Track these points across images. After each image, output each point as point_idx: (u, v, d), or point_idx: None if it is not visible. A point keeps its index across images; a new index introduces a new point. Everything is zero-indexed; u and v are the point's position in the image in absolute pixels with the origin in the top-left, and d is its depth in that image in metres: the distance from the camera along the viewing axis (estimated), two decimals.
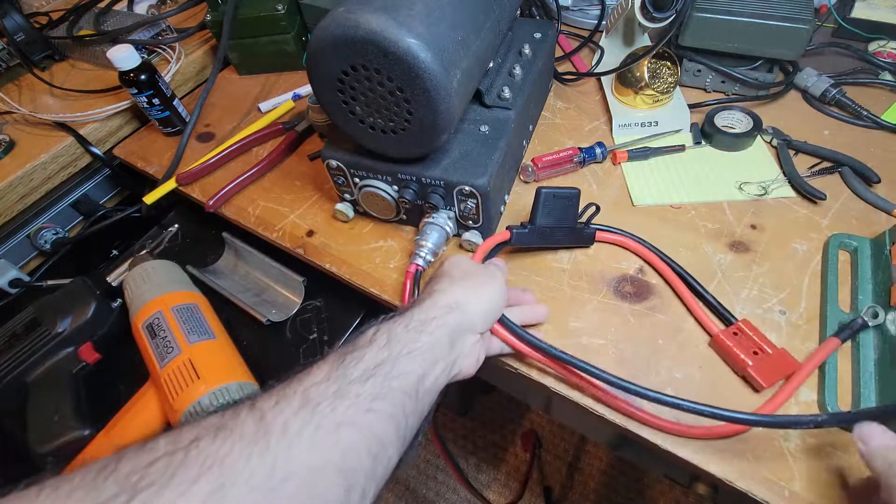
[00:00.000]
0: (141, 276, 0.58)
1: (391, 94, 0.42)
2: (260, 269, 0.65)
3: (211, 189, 0.64)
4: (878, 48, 0.68)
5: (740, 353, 0.42)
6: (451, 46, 0.41)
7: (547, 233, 0.50)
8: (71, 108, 0.73)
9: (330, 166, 0.53)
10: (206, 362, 0.49)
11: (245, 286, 0.64)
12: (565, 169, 0.60)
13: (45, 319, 0.56)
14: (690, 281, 0.49)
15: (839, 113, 0.62)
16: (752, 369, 0.41)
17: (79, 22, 0.84)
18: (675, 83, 0.62)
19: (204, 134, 0.73)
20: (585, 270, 0.52)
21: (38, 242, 0.71)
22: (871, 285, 0.46)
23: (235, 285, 0.63)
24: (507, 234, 0.49)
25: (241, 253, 0.66)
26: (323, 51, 0.41)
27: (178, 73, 0.78)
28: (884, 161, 0.56)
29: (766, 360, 0.42)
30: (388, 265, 0.55)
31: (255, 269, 0.66)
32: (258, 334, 0.59)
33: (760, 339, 0.43)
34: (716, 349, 0.45)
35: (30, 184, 0.67)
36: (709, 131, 0.61)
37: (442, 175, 0.48)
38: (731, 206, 0.55)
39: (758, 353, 0.42)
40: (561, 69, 0.72)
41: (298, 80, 0.80)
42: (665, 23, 0.60)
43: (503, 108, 0.53)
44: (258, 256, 0.64)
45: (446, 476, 1.25)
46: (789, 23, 0.58)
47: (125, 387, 0.56)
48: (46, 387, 0.53)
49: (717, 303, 0.47)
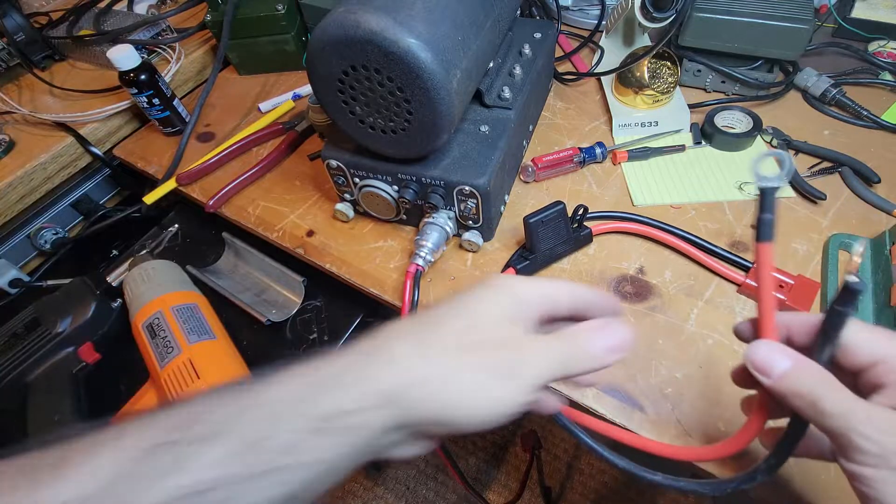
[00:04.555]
0: (141, 276, 0.58)
1: (391, 95, 0.42)
2: (260, 269, 0.65)
3: (211, 189, 0.64)
4: (878, 48, 0.68)
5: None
6: (451, 46, 0.41)
7: (548, 254, 0.51)
8: (71, 108, 0.73)
9: (330, 166, 0.53)
10: (206, 362, 0.49)
11: (245, 286, 0.64)
12: (565, 169, 0.60)
13: (45, 319, 0.56)
14: (698, 241, 0.51)
15: (839, 113, 0.62)
16: (789, 302, 0.44)
17: (79, 22, 0.84)
18: (675, 83, 0.62)
19: (204, 134, 0.73)
20: (585, 270, 0.52)
21: (38, 242, 0.71)
22: (871, 285, 0.46)
23: (235, 285, 0.63)
24: (512, 271, 0.50)
25: (241, 253, 0.66)
26: (323, 51, 0.41)
27: (178, 73, 0.78)
28: (884, 161, 0.56)
29: (794, 290, 0.45)
30: (388, 265, 0.55)
31: (255, 269, 0.66)
32: (258, 334, 0.59)
33: (780, 273, 0.46)
34: (747, 295, 0.47)
35: (30, 184, 0.67)
36: (709, 131, 0.61)
37: (442, 175, 0.48)
38: (732, 206, 0.55)
39: (783, 286, 0.46)
40: (561, 69, 0.72)
41: (298, 80, 0.80)
42: (665, 23, 0.60)
43: (503, 108, 0.53)
44: (258, 256, 0.64)
45: (446, 476, 1.25)
46: (789, 23, 0.58)
47: (125, 387, 0.56)
48: (46, 387, 0.53)
49: (730, 253, 0.50)
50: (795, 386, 0.24)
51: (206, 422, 0.21)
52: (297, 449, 0.21)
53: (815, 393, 0.24)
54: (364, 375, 0.22)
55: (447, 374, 0.23)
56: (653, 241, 0.53)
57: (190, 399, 0.22)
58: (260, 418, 0.21)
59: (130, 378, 0.55)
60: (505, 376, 0.23)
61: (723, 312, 0.47)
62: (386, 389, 0.22)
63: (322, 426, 0.21)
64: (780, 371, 0.25)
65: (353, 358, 0.23)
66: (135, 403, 0.50)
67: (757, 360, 0.26)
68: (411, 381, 0.22)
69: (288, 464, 0.20)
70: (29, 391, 0.53)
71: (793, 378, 0.25)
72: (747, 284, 0.47)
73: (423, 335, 0.24)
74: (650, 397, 0.43)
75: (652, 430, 0.41)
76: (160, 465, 0.19)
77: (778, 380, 0.25)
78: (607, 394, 0.43)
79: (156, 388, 0.50)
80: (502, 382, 0.23)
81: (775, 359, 0.25)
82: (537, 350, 0.25)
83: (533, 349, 0.25)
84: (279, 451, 0.20)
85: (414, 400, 0.22)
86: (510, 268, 0.51)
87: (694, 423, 0.41)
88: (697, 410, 0.42)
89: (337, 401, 0.21)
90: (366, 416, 0.22)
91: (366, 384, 0.22)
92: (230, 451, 0.20)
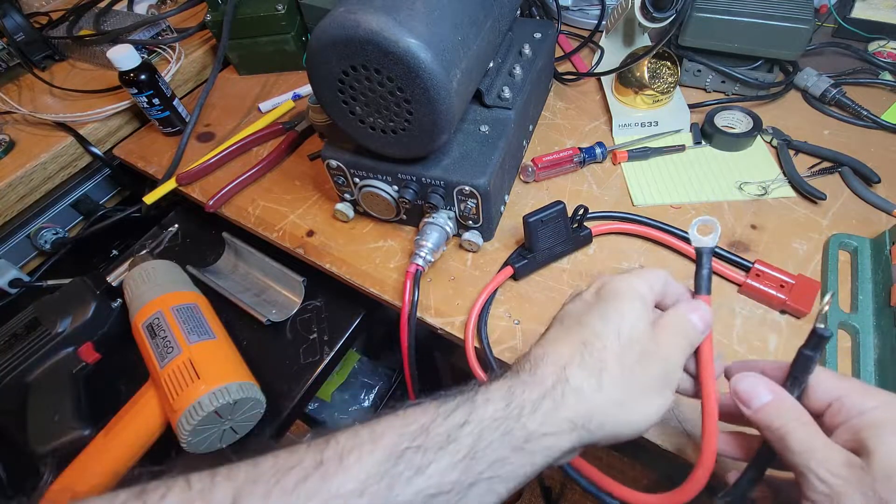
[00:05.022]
0: (141, 276, 0.58)
1: (391, 95, 0.42)
2: (260, 269, 0.65)
3: (211, 189, 0.64)
4: (878, 48, 0.68)
5: (773, 291, 0.46)
6: (451, 46, 0.41)
7: (547, 253, 0.50)
8: (71, 108, 0.73)
9: (330, 166, 0.53)
10: (206, 362, 0.49)
11: (245, 286, 0.64)
12: (565, 169, 0.60)
13: (45, 319, 0.56)
14: None
15: (839, 113, 0.62)
16: (790, 302, 0.45)
17: (79, 22, 0.84)
18: (675, 83, 0.62)
19: (204, 134, 0.73)
20: (585, 270, 0.52)
21: (38, 242, 0.71)
22: (871, 285, 0.46)
23: (235, 285, 0.63)
24: (510, 269, 0.50)
25: (241, 253, 0.66)
26: (323, 51, 0.41)
27: (178, 73, 0.78)
28: (884, 161, 0.56)
29: (795, 290, 0.45)
30: (388, 265, 0.54)
31: (255, 269, 0.66)
32: (258, 334, 0.59)
33: (780, 273, 0.46)
34: (748, 295, 0.48)
35: (30, 184, 0.67)
36: (709, 131, 0.61)
37: (442, 175, 0.48)
38: (732, 206, 0.55)
39: (784, 285, 0.46)
40: (561, 69, 0.72)
41: (298, 80, 0.80)
42: (665, 23, 0.60)
43: (503, 108, 0.53)
44: (258, 256, 0.64)
45: None
46: (789, 23, 0.58)
47: (125, 387, 0.56)
48: (46, 387, 0.53)
49: (730, 253, 0.50)
50: (769, 419, 0.26)
51: (438, 433, 0.24)
52: (503, 462, 0.25)
53: (785, 428, 0.26)
54: (556, 405, 0.26)
55: (622, 399, 0.27)
56: (653, 241, 0.53)
57: (415, 408, 0.26)
58: (476, 433, 0.25)
59: (130, 378, 0.54)
60: (663, 386, 0.28)
61: (723, 312, 0.47)
62: (573, 417, 0.26)
63: (523, 446, 0.25)
64: (759, 403, 0.27)
65: (540, 387, 0.27)
66: (135, 403, 0.50)
67: (741, 389, 0.28)
68: (594, 409, 0.26)
69: (498, 475, 0.25)
70: (29, 391, 0.53)
71: (768, 411, 0.27)
72: (748, 284, 0.47)
73: (593, 363, 0.27)
74: None
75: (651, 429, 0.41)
76: (410, 466, 0.23)
77: (756, 411, 0.27)
78: None
79: (156, 388, 0.50)
80: (662, 392, 0.28)
81: (758, 391, 0.28)
82: (671, 345, 0.29)
83: (669, 346, 0.28)
84: (491, 462, 0.24)
85: (596, 424, 0.26)
86: (508, 266, 0.51)
87: (694, 423, 0.41)
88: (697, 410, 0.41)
89: (536, 426, 0.25)
90: (558, 439, 0.26)
91: (558, 413, 0.26)
92: (458, 458, 0.24)
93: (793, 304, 0.45)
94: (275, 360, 0.57)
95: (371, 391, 1.14)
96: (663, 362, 0.28)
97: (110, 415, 0.50)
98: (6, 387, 0.52)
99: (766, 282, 0.47)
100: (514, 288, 0.51)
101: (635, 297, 0.29)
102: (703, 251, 0.31)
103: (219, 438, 0.49)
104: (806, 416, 0.26)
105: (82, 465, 0.47)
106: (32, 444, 0.49)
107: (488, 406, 0.26)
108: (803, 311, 0.45)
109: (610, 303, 0.29)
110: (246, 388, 0.49)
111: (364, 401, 1.13)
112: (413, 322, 0.49)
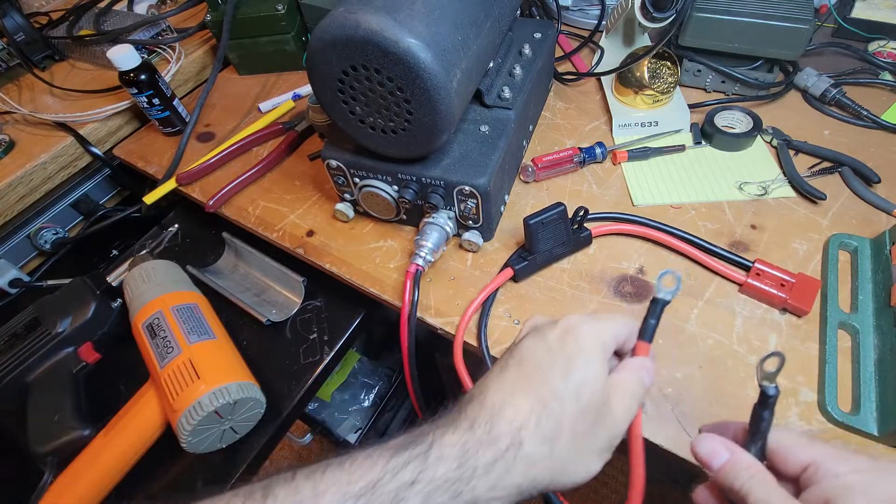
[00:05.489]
0: (141, 276, 0.58)
1: (391, 95, 0.42)
2: (260, 269, 0.65)
3: (211, 189, 0.64)
4: (878, 48, 0.68)
5: (774, 290, 0.46)
6: (451, 46, 0.41)
7: (547, 255, 0.50)
8: (71, 108, 0.73)
9: (330, 166, 0.53)
10: (206, 362, 0.49)
11: (245, 286, 0.64)
12: (565, 169, 0.60)
13: (45, 319, 0.56)
14: (698, 242, 0.51)
15: (839, 113, 0.62)
16: (791, 301, 0.45)
17: (79, 22, 0.84)
18: (675, 83, 0.62)
19: (204, 134, 0.73)
20: (585, 270, 0.52)
21: (38, 242, 0.71)
22: (871, 285, 0.46)
23: (235, 285, 0.63)
24: (510, 271, 0.50)
25: (241, 253, 0.66)
26: (323, 51, 0.41)
27: (178, 73, 0.78)
28: (884, 161, 0.56)
29: (795, 289, 0.46)
30: (388, 265, 0.54)
31: (255, 269, 0.66)
32: (258, 334, 0.59)
33: (780, 272, 0.46)
34: (749, 294, 0.48)
35: (30, 184, 0.67)
36: (709, 131, 0.61)
37: (442, 175, 0.48)
38: (732, 206, 0.55)
39: (784, 284, 0.46)
40: (561, 69, 0.72)
41: (298, 80, 0.80)
42: (665, 23, 0.60)
43: (503, 108, 0.53)
44: (258, 256, 0.64)
45: None
46: (789, 23, 0.58)
47: (125, 387, 0.56)
48: (46, 387, 0.53)
49: (730, 253, 0.50)
50: (730, 479, 0.27)
51: (386, 491, 0.25)
52: None
53: (746, 487, 0.26)
54: (507, 469, 0.27)
55: (568, 463, 0.28)
56: (653, 241, 0.53)
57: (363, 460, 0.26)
58: (425, 494, 0.25)
59: (130, 378, 0.54)
60: (607, 449, 0.29)
61: (723, 312, 0.47)
62: (521, 482, 0.27)
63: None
64: (718, 463, 0.27)
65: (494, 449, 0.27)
66: (135, 403, 0.50)
67: (701, 453, 0.28)
68: (540, 474, 0.27)
69: None
70: (29, 391, 0.53)
71: (728, 471, 0.27)
72: (749, 284, 0.47)
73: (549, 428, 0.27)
74: (650, 397, 0.43)
75: (652, 430, 0.41)
76: None
77: (717, 472, 0.27)
78: None
79: (156, 388, 0.50)
80: (602, 457, 0.29)
81: (717, 451, 0.27)
82: (622, 410, 0.29)
83: (620, 411, 0.29)
84: None
85: (540, 487, 0.28)
86: (508, 267, 0.51)
87: (694, 424, 0.41)
88: (697, 410, 0.42)
89: (485, 490, 0.26)
90: (506, 500, 0.27)
91: (508, 478, 0.27)
92: None
93: (793, 303, 0.45)
94: (275, 360, 0.57)
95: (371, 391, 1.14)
96: (612, 430, 0.29)
97: (110, 415, 0.50)
98: (6, 387, 0.52)
99: (766, 281, 0.47)
100: (514, 288, 0.51)
101: (598, 354, 0.29)
102: (660, 303, 0.31)
103: (219, 438, 0.49)
104: (764, 473, 0.26)
105: (82, 465, 0.47)
106: (32, 444, 0.49)
107: (440, 465, 0.26)
108: (804, 309, 0.45)
109: (573, 360, 0.29)
110: (246, 388, 0.49)
111: (364, 401, 1.13)
112: (413, 322, 0.49)
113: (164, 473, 0.51)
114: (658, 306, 0.31)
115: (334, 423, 1.09)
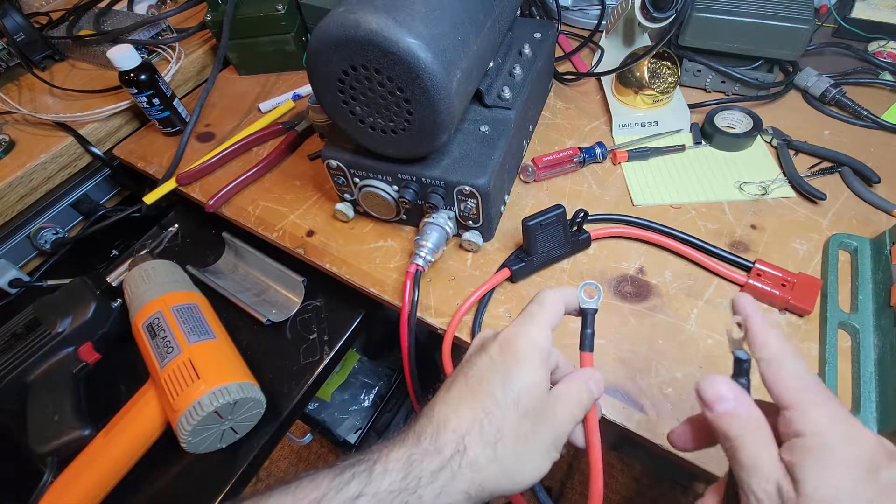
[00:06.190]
0: (141, 276, 0.58)
1: (391, 94, 0.42)
2: (260, 269, 0.65)
3: (211, 189, 0.64)
4: (878, 48, 0.68)
5: (775, 290, 0.46)
6: (451, 46, 0.41)
7: (545, 257, 0.50)
8: (71, 108, 0.73)
9: (330, 166, 0.53)
10: (206, 362, 0.49)
11: (245, 286, 0.64)
12: (565, 169, 0.60)
13: (45, 319, 0.55)
14: (698, 243, 0.51)
15: (839, 113, 0.62)
16: (793, 301, 0.45)
17: (79, 22, 0.84)
18: (675, 83, 0.62)
19: (204, 134, 0.73)
20: (585, 271, 0.52)
21: (38, 242, 0.71)
22: (871, 285, 0.46)
23: (235, 285, 0.63)
24: (507, 271, 0.50)
25: (241, 253, 0.66)
26: (323, 51, 0.41)
27: (178, 73, 0.78)
28: (884, 161, 0.56)
29: (796, 288, 0.46)
30: (388, 265, 0.55)
31: (255, 269, 0.66)
32: (258, 334, 0.59)
33: (781, 272, 0.46)
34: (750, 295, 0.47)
35: (30, 184, 0.67)
36: (709, 131, 0.61)
37: (442, 175, 0.48)
38: (731, 206, 0.55)
39: (785, 284, 0.46)
40: (561, 69, 0.72)
41: (298, 80, 0.80)
42: (665, 23, 0.60)
43: (503, 108, 0.53)
44: (258, 256, 0.64)
45: None
46: (789, 23, 0.58)
47: (125, 387, 0.56)
48: (46, 387, 0.53)
49: (730, 253, 0.50)
50: (726, 427, 0.25)
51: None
52: None
53: (738, 440, 0.25)
54: (453, 476, 0.27)
55: (513, 465, 0.29)
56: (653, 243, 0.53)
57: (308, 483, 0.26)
58: None
59: (130, 378, 0.54)
60: (552, 449, 0.30)
61: (723, 312, 0.47)
62: (468, 488, 0.27)
63: None
64: (721, 409, 0.26)
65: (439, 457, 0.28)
66: (135, 403, 0.50)
67: (706, 391, 0.27)
68: (487, 478, 0.28)
69: None
70: (29, 391, 0.53)
71: (727, 418, 0.25)
72: (750, 285, 0.47)
73: (491, 433, 0.28)
74: (650, 397, 0.43)
75: (652, 429, 0.41)
76: None
77: (717, 416, 0.26)
78: (607, 394, 0.43)
79: (156, 388, 0.50)
80: (549, 455, 0.30)
81: (722, 394, 0.26)
82: (565, 415, 0.30)
83: (563, 415, 0.30)
84: None
85: (487, 492, 0.28)
86: (505, 268, 0.50)
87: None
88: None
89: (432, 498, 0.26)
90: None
91: (454, 484, 0.27)
92: None
93: (795, 303, 0.45)
94: (275, 360, 0.57)
95: (371, 391, 1.14)
96: (554, 430, 0.30)
97: (110, 415, 0.50)
98: (6, 387, 0.52)
99: (767, 281, 0.47)
100: (514, 288, 0.51)
101: (535, 360, 0.30)
102: (588, 312, 0.33)
103: (219, 438, 0.49)
104: (759, 423, 0.25)
105: (82, 465, 0.47)
106: (32, 444, 0.49)
107: (385, 477, 0.26)
108: (806, 309, 0.45)
109: (512, 368, 0.30)
110: (246, 388, 0.49)
111: (364, 401, 1.13)
112: (413, 322, 0.49)
113: (164, 473, 0.51)
114: (589, 316, 0.33)
115: (334, 423, 1.09)
